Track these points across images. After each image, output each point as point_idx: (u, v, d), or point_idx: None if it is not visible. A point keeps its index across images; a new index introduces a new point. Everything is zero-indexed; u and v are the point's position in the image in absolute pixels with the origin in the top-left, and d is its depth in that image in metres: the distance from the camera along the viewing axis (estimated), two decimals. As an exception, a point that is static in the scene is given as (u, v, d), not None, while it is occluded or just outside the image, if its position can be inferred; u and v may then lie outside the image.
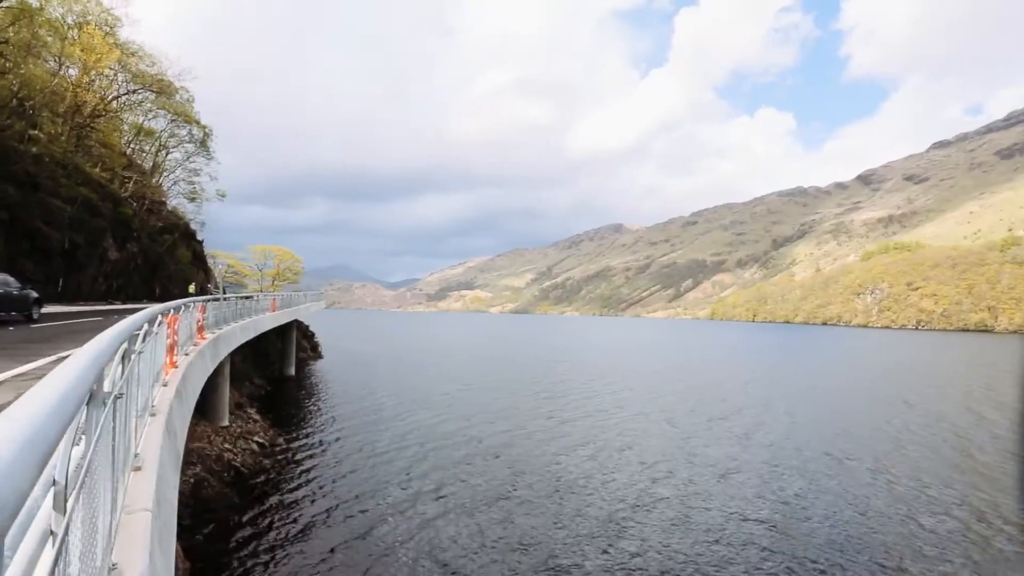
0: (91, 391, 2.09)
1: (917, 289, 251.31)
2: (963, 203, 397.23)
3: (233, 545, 13.14)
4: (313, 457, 20.72)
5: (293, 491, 17.03)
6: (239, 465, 18.80)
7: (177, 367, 7.82)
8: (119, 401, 2.77)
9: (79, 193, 35.85)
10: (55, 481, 2.22)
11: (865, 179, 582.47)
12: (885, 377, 51.04)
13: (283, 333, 39.05)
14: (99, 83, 42.67)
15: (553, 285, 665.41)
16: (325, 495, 16.72)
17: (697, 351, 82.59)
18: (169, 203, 54.05)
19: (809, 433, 26.34)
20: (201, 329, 12.36)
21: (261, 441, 21.59)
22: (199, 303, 12.40)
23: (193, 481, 15.58)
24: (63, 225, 33.68)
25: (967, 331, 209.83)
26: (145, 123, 51.39)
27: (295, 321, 39.62)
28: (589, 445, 23.43)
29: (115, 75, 44.17)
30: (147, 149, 54.40)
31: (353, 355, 60.31)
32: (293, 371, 40.13)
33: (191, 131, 52.80)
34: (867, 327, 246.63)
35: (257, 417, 24.61)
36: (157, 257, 47.37)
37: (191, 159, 54.21)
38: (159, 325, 5.94)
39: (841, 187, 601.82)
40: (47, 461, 1.09)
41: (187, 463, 15.66)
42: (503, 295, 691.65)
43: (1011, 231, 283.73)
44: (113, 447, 2.42)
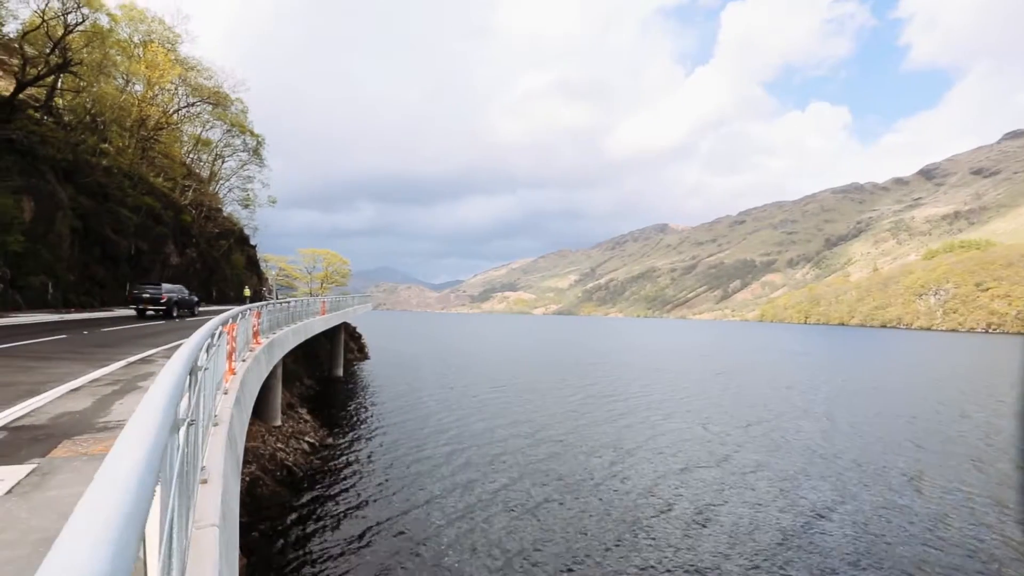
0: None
1: (988, 290, 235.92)
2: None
3: (286, 543, 13.51)
4: (360, 457, 21.14)
5: (342, 491, 17.39)
6: (291, 465, 19.36)
7: (236, 374, 8.08)
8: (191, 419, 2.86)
9: (144, 202, 37.88)
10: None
11: (927, 173, 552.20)
12: (945, 384, 48.03)
13: (332, 335, 40.07)
14: (161, 97, 45.00)
15: (597, 286, 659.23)
16: (373, 495, 17.01)
17: (742, 354, 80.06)
18: (224, 210, 56.53)
19: (850, 442, 25.05)
20: (256, 334, 12.78)
21: (312, 441, 22.19)
22: (255, 309, 12.82)
23: (248, 480, 16.13)
24: (129, 232, 35.65)
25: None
26: (203, 134, 53.97)
27: (343, 323, 40.59)
28: (624, 448, 23.12)
29: (176, 89, 46.50)
30: (204, 158, 57.07)
31: (399, 356, 61.36)
32: (341, 372, 41.13)
33: (245, 140, 55.13)
34: (930, 330, 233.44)
35: (308, 417, 25.31)
36: (214, 262, 49.54)
37: (245, 167, 56.60)
38: (220, 336, 6.15)
39: (901, 183, 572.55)
40: (146, 519, 1.08)
41: (243, 462, 16.23)
42: (546, 296, 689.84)
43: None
44: (185, 468, 2.47)
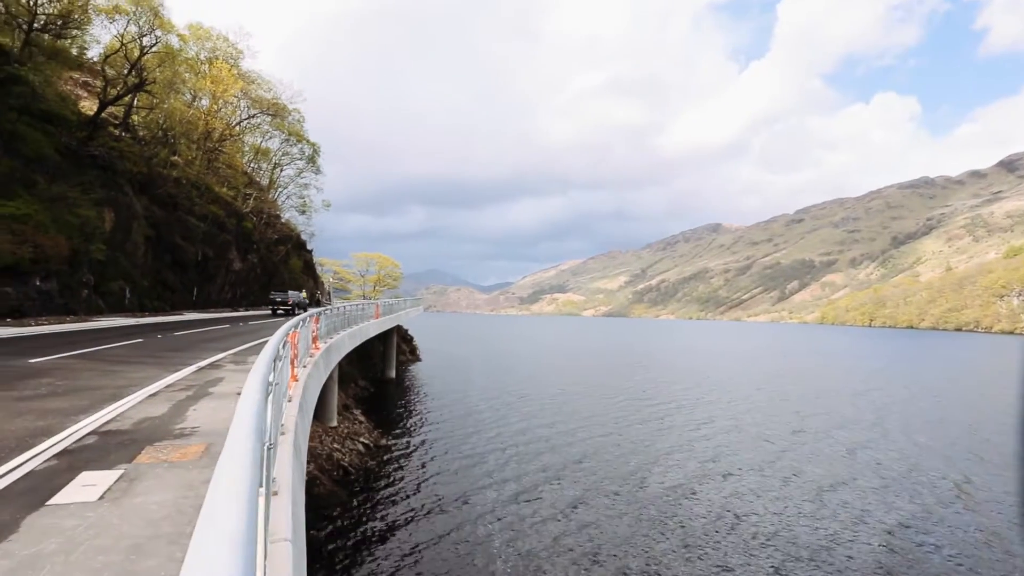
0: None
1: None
2: None
3: (344, 542, 13.93)
4: (413, 459, 21.56)
5: (396, 492, 17.78)
6: (347, 465, 19.95)
7: (298, 380, 8.41)
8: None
9: (210, 210, 39.98)
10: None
11: (1009, 165, 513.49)
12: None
13: (384, 337, 41.02)
14: (225, 110, 47.40)
15: (647, 287, 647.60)
16: (425, 496, 17.32)
17: (799, 357, 76.73)
18: (283, 216, 58.91)
19: (923, 454, 23.57)
20: (315, 339, 13.25)
21: (366, 442, 22.79)
22: (314, 315, 13.29)
23: (307, 480, 16.74)
24: (197, 239, 37.70)
25: None
26: (262, 144, 56.52)
27: (395, 325, 41.51)
28: (676, 455, 22.64)
29: (238, 102, 48.86)
30: (264, 167, 59.69)
31: (449, 358, 62.22)
32: (394, 373, 42.05)
33: (302, 148, 57.34)
34: (1013, 334, 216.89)
35: (362, 418, 26.02)
36: (273, 266, 51.70)
37: (301, 174, 58.84)
38: (285, 347, 6.41)
39: (978, 175, 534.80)
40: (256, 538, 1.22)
41: (303, 462, 16.85)
42: (596, 298, 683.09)
43: None
44: (263, 484, 2.59)
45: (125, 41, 30.77)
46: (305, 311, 30.54)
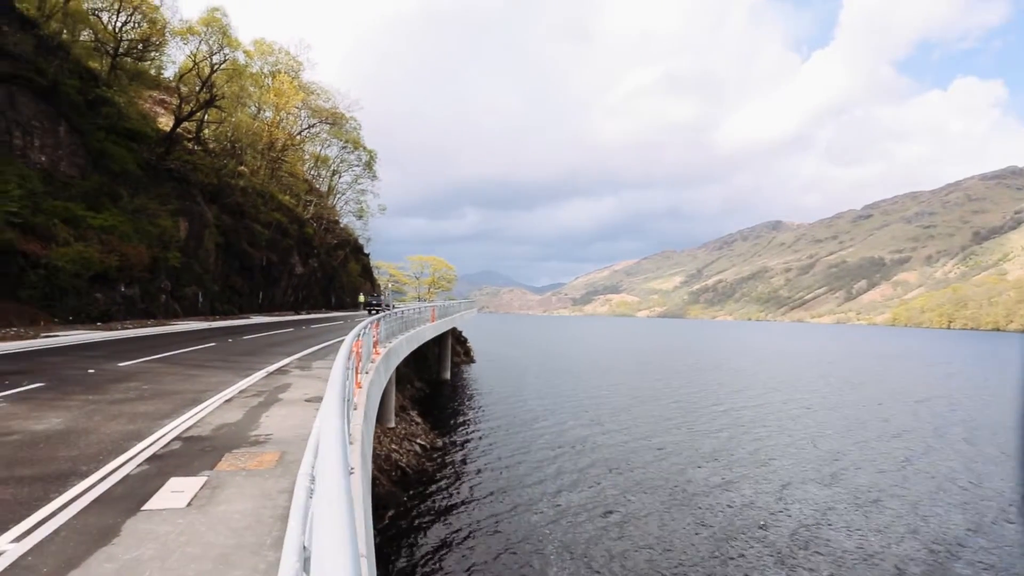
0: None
1: None
2: None
3: (403, 542, 14.26)
4: (468, 460, 21.82)
5: (452, 494, 18.04)
6: (404, 466, 20.39)
7: (362, 387, 8.69)
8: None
9: (273, 217, 41.90)
10: (304, 548, 2.56)
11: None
12: None
13: (439, 339, 41.70)
14: (287, 121, 49.55)
15: (703, 288, 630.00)
16: (480, 499, 17.48)
17: (868, 360, 72.51)
18: (341, 221, 61.01)
19: (990, 468, 21.77)
20: (376, 344, 13.64)
21: (423, 443, 23.24)
22: (374, 321, 13.69)
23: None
24: (262, 245, 39.60)
25: None
26: (321, 151, 58.77)
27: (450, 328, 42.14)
28: (725, 460, 21.96)
29: (299, 112, 50.98)
30: (323, 174, 62.02)
31: (503, 359, 62.60)
32: (448, 375, 42.68)
33: (359, 155, 59.26)
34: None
35: (419, 420, 26.55)
36: (332, 270, 53.63)
37: (359, 180, 60.79)
38: (350, 358, 6.63)
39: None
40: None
41: (363, 463, 17.37)
42: (650, 299, 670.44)
43: None
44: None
45: (197, 60, 32.71)
46: (390, 310, 32.25)
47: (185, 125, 34.89)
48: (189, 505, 4.38)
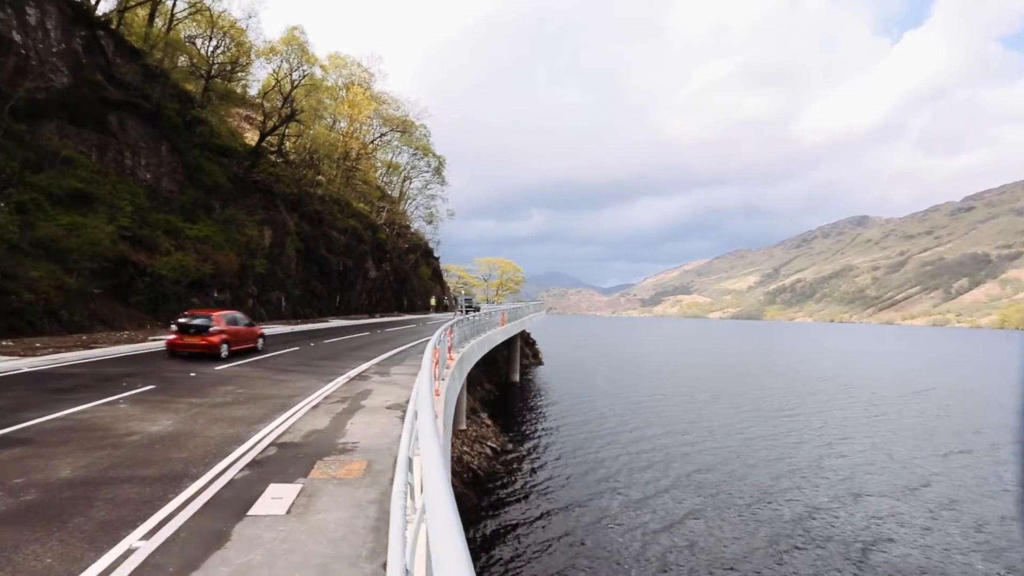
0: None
1: None
2: None
3: (475, 546, 14.48)
4: (538, 464, 21.84)
5: (523, 496, 18.12)
6: (476, 468, 20.70)
7: (440, 395, 8.91)
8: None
9: (349, 224, 43.75)
10: (407, 571, 2.66)
11: None
12: None
13: (509, 341, 42.05)
14: (360, 131, 51.66)
15: (780, 288, 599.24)
16: (550, 501, 17.45)
17: (963, 366, 66.18)
18: (412, 226, 62.86)
19: None
20: (451, 349, 13.94)
21: (493, 446, 23.49)
22: (448, 327, 13.99)
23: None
24: (338, 251, 41.45)
25: None
26: (392, 159, 60.83)
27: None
28: (805, 472, 20.65)
29: (371, 122, 53.04)
30: (394, 180, 64.14)
31: (571, 361, 62.27)
32: (518, 377, 42.91)
33: (428, 161, 60.84)
34: None
35: (489, 422, 26.87)
36: (404, 274, 55.31)
37: (428, 186, 62.38)
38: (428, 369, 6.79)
39: None
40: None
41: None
42: (723, 299, 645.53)
43: None
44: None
45: (279, 77, 34.75)
46: (478, 311, 33.62)
47: (268, 139, 37.15)
48: (288, 512, 4.65)
